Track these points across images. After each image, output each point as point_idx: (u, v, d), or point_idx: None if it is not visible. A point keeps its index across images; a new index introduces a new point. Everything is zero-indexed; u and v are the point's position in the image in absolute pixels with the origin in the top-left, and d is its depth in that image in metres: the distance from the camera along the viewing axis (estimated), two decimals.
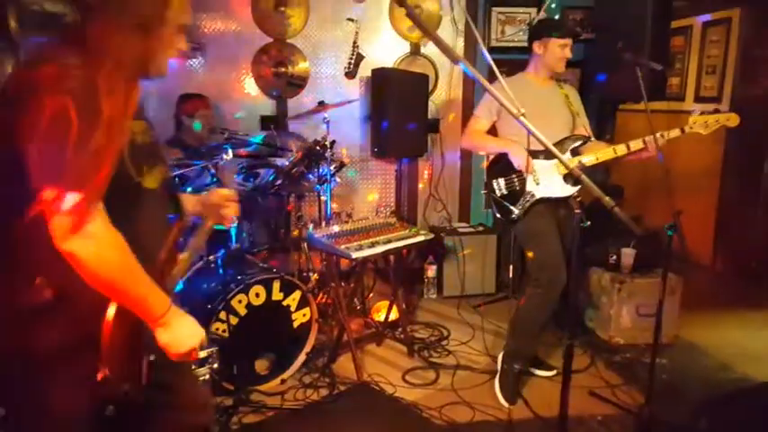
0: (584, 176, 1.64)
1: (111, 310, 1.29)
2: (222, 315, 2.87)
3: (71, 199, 1.15)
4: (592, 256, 3.85)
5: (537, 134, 1.64)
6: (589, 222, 1.74)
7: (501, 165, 3.01)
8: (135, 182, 1.35)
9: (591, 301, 3.85)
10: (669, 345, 3.61)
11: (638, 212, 4.29)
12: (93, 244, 1.19)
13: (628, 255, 3.69)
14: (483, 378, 3.23)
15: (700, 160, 5.17)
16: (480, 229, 4.45)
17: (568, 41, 2.95)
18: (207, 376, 2.38)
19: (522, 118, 1.65)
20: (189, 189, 3.25)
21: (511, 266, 4.23)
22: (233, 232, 3.32)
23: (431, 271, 4.38)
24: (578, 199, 1.75)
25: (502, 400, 2.99)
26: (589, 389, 3.11)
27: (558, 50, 2.95)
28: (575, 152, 2.94)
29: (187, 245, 1.67)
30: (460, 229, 4.44)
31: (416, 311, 4.20)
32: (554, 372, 3.28)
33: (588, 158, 2.88)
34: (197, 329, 1.41)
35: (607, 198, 1.62)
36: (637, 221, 4.09)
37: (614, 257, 3.74)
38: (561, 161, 1.62)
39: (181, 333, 1.37)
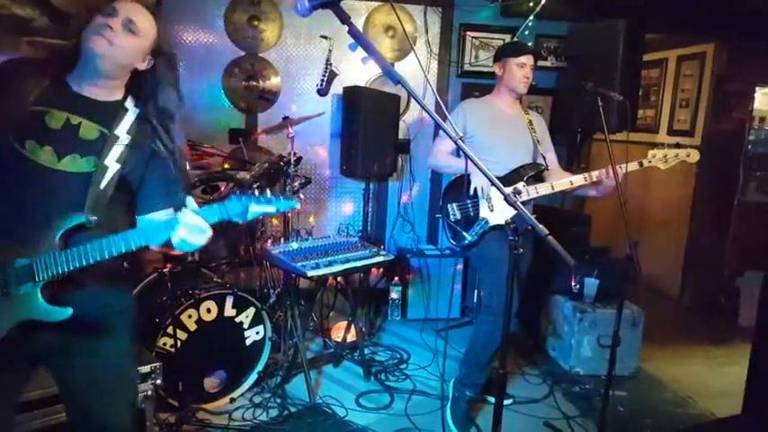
0: (518, 204, 1.61)
1: None
2: (170, 330, 2.81)
3: None
4: (555, 284, 3.83)
5: (475, 160, 1.62)
6: (522, 250, 1.72)
7: (456, 189, 2.98)
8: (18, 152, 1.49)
9: (554, 330, 3.82)
10: (630, 377, 3.59)
11: (606, 243, 4.27)
12: None
13: (591, 284, 3.67)
14: (438, 404, 3.16)
15: (672, 192, 5.20)
16: (447, 252, 4.41)
17: (525, 60, 2.92)
18: (149, 392, 2.37)
19: (459, 141, 1.64)
20: None
21: (476, 291, 4.20)
22: None
23: (394, 293, 4.32)
24: (512, 225, 1.72)
25: (453, 428, 2.94)
26: (545, 419, 3.08)
27: (516, 70, 2.93)
28: (532, 180, 2.90)
29: None
30: (427, 252, 4.40)
31: (379, 333, 4.14)
32: (510, 400, 3.23)
33: (544, 187, 2.85)
34: None
35: (540, 226, 1.60)
36: (603, 252, 4.09)
37: (577, 286, 3.72)
38: (496, 186, 1.59)
39: None
